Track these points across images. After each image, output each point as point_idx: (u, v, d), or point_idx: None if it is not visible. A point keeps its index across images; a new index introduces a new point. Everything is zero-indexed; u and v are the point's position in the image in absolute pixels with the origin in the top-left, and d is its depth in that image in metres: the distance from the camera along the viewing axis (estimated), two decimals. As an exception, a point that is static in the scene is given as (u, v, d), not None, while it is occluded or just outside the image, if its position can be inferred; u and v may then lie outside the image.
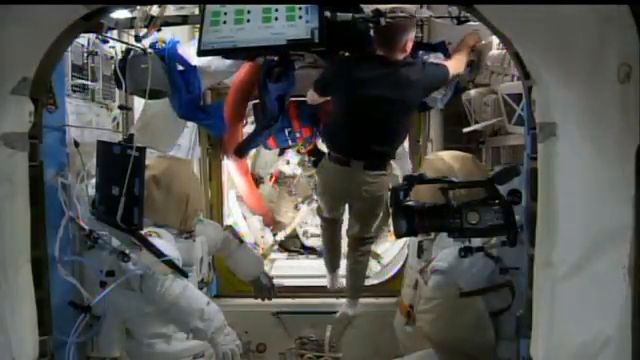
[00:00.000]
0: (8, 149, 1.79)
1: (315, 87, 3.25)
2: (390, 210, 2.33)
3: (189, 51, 3.07)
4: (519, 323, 2.06)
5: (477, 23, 2.97)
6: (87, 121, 2.82)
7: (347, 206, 3.57)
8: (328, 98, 3.32)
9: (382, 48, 3.00)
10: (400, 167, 4.01)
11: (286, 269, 4.65)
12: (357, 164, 3.15)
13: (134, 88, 2.82)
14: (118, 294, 2.36)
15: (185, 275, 2.49)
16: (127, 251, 2.33)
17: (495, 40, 2.97)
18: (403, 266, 3.73)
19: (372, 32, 2.97)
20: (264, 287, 3.43)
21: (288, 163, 5.35)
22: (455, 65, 3.08)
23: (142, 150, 2.20)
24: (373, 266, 4.79)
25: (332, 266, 3.89)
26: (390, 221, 3.30)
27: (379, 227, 3.76)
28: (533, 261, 1.77)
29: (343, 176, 3.21)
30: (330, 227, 3.73)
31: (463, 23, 2.86)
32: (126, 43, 2.85)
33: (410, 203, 2.18)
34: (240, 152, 4.00)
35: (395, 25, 2.89)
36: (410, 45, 3.00)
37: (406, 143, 3.91)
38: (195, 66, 3.16)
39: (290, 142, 4.43)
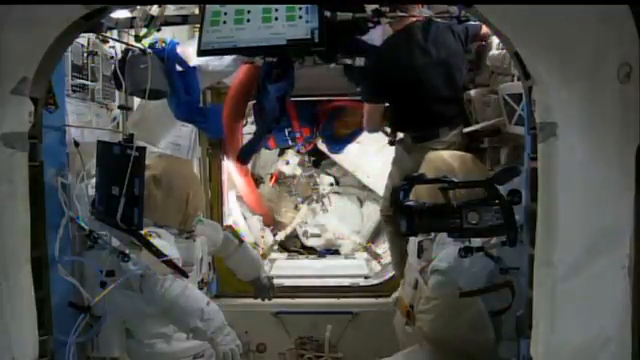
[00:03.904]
0: (8, 149, 1.79)
1: (369, 99, 3.30)
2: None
3: (189, 51, 3.07)
4: (519, 323, 2.06)
5: (477, 23, 3.00)
6: (87, 121, 2.82)
7: None
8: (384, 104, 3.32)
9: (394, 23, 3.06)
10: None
11: (286, 269, 4.66)
12: (444, 131, 3.21)
13: (133, 88, 2.81)
14: (118, 294, 2.36)
15: (185, 275, 2.50)
16: (127, 251, 2.34)
17: (495, 40, 2.97)
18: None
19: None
20: (264, 287, 3.42)
21: (288, 163, 5.35)
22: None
23: (142, 150, 2.20)
24: (373, 266, 4.81)
25: None
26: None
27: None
28: (533, 261, 1.77)
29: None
30: None
31: (463, 23, 2.86)
32: (126, 43, 2.85)
33: (410, 203, 2.18)
34: (242, 158, 3.94)
35: None
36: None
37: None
38: (195, 68, 3.15)
39: (290, 142, 4.44)
